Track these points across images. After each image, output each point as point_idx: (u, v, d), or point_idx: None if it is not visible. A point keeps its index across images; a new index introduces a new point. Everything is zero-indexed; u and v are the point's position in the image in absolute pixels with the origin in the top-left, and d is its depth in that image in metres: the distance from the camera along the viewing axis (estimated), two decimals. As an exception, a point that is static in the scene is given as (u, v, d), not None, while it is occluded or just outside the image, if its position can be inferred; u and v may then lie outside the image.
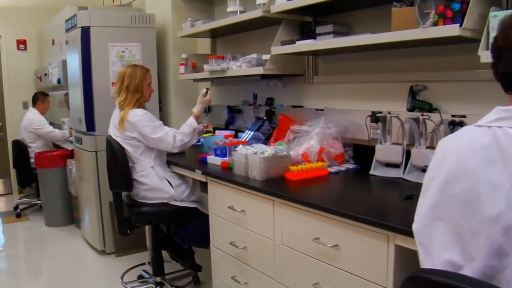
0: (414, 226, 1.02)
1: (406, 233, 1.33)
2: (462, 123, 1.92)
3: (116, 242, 3.60)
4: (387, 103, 2.30)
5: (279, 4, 2.37)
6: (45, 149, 4.94)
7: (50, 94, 5.26)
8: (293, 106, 2.86)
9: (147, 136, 2.59)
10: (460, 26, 1.59)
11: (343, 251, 1.59)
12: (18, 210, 5.00)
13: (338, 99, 2.58)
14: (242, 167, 2.16)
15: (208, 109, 3.01)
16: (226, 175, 2.22)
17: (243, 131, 2.96)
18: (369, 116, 2.22)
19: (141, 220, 2.78)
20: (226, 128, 3.35)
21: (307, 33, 2.45)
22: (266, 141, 2.69)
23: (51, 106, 5.29)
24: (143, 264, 3.34)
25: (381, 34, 1.87)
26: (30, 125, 4.88)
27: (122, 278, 3.14)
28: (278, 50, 2.43)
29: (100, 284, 3.23)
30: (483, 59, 1.54)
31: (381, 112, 2.16)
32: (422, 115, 1.97)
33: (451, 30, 1.61)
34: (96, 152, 3.48)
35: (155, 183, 2.63)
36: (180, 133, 2.66)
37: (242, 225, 2.11)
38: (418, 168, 2.00)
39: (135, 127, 2.59)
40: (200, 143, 3.14)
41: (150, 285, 2.98)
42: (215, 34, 3.52)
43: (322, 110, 2.58)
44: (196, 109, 2.77)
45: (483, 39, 1.56)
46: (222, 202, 2.25)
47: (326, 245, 1.63)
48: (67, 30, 3.73)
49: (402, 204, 1.66)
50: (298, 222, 1.77)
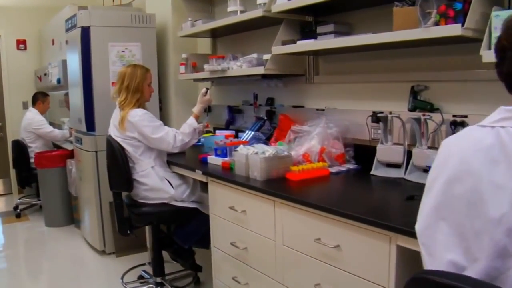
0: (417, 227, 1.01)
1: (408, 233, 1.33)
2: (463, 123, 1.91)
3: (116, 242, 3.60)
4: (388, 103, 2.29)
5: (280, 3, 2.36)
6: (45, 149, 4.93)
7: (50, 94, 5.26)
8: (293, 106, 2.85)
9: (148, 136, 2.58)
10: (462, 25, 1.59)
11: (345, 252, 1.58)
12: (18, 210, 4.99)
13: (338, 99, 2.58)
14: (243, 167, 2.15)
15: (208, 109, 3.01)
16: (227, 175, 2.21)
17: (244, 131, 2.95)
18: (370, 116, 2.21)
19: (141, 220, 2.78)
20: (227, 128, 3.34)
21: (308, 33, 2.45)
22: (267, 141, 2.68)
23: (51, 106, 5.29)
24: (143, 264, 3.34)
25: (382, 34, 1.86)
26: (30, 125, 4.88)
27: (122, 278, 3.13)
28: (279, 50, 2.42)
29: (100, 284, 3.22)
30: (485, 59, 1.53)
31: (382, 112, 2.15)
32: (424, 115, 1.96)
33: (453, 30, 1.60)
34: (96, 152, 3.48)
35: (156, 183, 2.62)
36: (180, 133, 2.66)
37: (243, 225, 2.10)
38: (419, 168, 1.99)
39: (136, 127, 2.58)
40: (200, 143, 3.13)
41: (150, 285, 2.97)
42: (216, 34, 3.51)
43: (323, 110, 2.58)
44: (196, 109, 2.77)
45: (485, 39, 1.55)
46: (222, 202, 2.24)
47: (327, 245, 1.62)
48: (67, 30, 3.73)
49: (403, 204, 1.65)
50: (299, 222, 1.77)
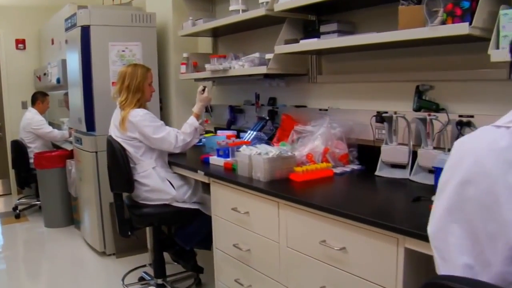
0: (429, 229, 0.98)
1: (416, 236, 1.30)
2: (469, 123, 1.89)
3: (116, 243, 3.57)
4: (392, 103, 2.27)
5: (283, 2, 2.34)
6: (44, 149, 4.91)
7: (49, 94, 5.23)
8: (296, 106, 2.82)
9: (149, 136, 2.55)
10: (469, 24, 1.56)
11: (351, 254, 1.56)
12: (17, 211, 4.96)
13: (342, 99, 2.55)
14: (245, 168, 2.12)
15: (210, 108, 2.97)
16: (230, 176, 2.18)
17: (245, 131, 2.92)
18: (374, 116, 2.19)
19: (142, 221, 2.75)
20: (228, 128, 3.31)
21: (311, 32, 2.42)
22: (269, 141, 2.66)
23: (50, 106, 5.26)
24: (144, 266, 3.31)
25: (388, 32, 1.83)
26: (29, 125, 4.85)
27: (123, 280, 3.10)
28: (281, 49, 2.40)
29: (100, 286, 3.20)
30: (494, 58, 1.51)
31: (386, 112, 2.13)
32: (429, 115, 1.93)
33: (461, 28, 1.58)
34: (96, 152, 3.45)
35: (157, 184, 2.59)
36: (182, 133, 2.62)
37: (246, 227, 2.08)
38: (424, 169, 1.97)
39: (137, 127, 2.55)
40: (201, 143, 3.11)
41: (152, 287, 2.94)
42: (217, 33, 3.49)
43: (326, 110, 2.55)
44: (196, 108, 2.73)
45: (493, 38, 1.53)
46: (225, 203, 2.22)
47: (333, 248, 1.59)
48: (67, 29, 3.70)
49: (410, 206, 1.63)
50: (304, 224, 1.74)
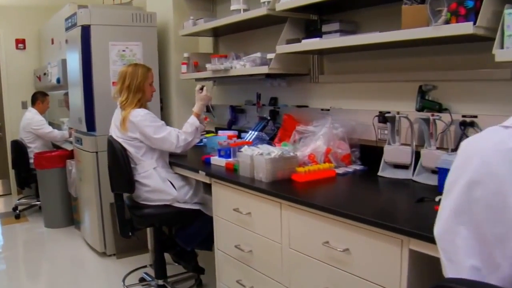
0: (436, 231, 0.97)
1: (421, 237, 1.29)
2: (473, 124, 1.88)
3: (117, 243, 3.55)
4: (395, 103, 2.26)
5: (285, 1, 2.33)
6: (44, 149, 4.89)
7: (49, 93, 5.21)
8: (297, 106, 2.81)
9: (150, 136, 2.53)
10: (473, 24, 1.55)
11: (354, 256, 1.54)
12: (17, 211, 4.95)
13: (344, 99, 2.54)
14: (247, 169, 2.11)
15: (212, 108, 2.95)
16: (231, 177, 2.16)
17: (247, 131, 2.91)
18: (376, 116, 2.18)
19: (143, 222, 2.73)
20: (229, 128, 3.30)
21: (313, 31, 2.41)
22: (271, 141, 2.64)
23: (51, 106, 5.25)
24: (145, 266, 3.29)
25: (391, 32, 1.82)
26: (29, 125, 4.83)
27: (123, 281, 3.09)
28: (283, 48, 2.38)
29: (100, 286, 3.19)
30: (498, 58, 1.49)
31: (389, 112, 2.12)
32: (433, 115, 1.92)
33: (465, 28, 1.57)
34: (96, 152, 3.44)
35: (158, 185, 2.58)
36: (183, 132, 2.60)
37: (248, 227, 2.06)
38: (427, 169, 1.96)
39: (137, 128, 2.54)
40: (202, 144, 3.09)
41: (152, 288, 2.94)
42: (217, 33, 3.47)
43: (328, 110, 2.54)
44: (196, 107, 2.71)
45: (498, 37, 1.52)
46: (226, 204, 2.20)
47: (336, 249, 1.58)
48: (67, 29, 3.68)
49: (414, 206, 1.61)
50: (307, 225, 1.73)
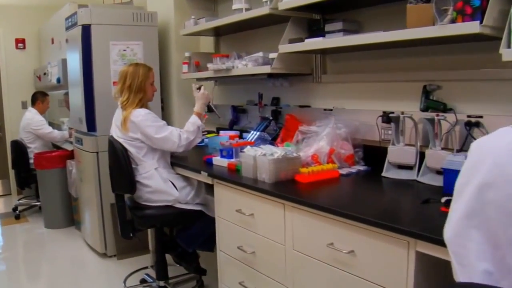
0: (446, 234, 0.95)
1: (429, 239, 1.27)
2: (478, 124, 1.87)
3: (117, 244, 3.53)
4: (398, 103, 2.24)
5: (287, 0, 2.31)
6: (44, 149, 4.87)
7: (49, 93, 5.19)
8: (300, 106, 2.79)
9: (151, 136, 2.51)
10: (480, 23, 1.53)
11: (360, 258, 1.52)
12: (17, 212, 4.93)
13: (347, 99, 2.52)
14: (250, 169, 2.08)
15: (214, 108, 2.93)
16: (234, 177, 2.14)
17: (248, 132, 2.89)
18: (380, 116, 2.16)
19: (144, 223, 2.71)
20: (231, 128, 3.28)
21: (316, 31, 2.39)
22: (273, 141, 2.62)
23: (51, 106, 5.23)
24: (146, 267, 3.27)
25: (396, 31, 1.80)
26: (29, 125, 4.81)
27: (125, 282, 3.07)
28: (286, 48, 2.36)
29: (101, 288, 3.17)
30: (505, 57, 1.48)
31: (392, 112, 2.10)
32: (437, 116, 1.90)
33: (471, 27, 1.55)
34: (97, 153, 3.41)
35: (159, 185, 2.56)
36: (185, 131, 2.58)
37: (251, 229, 2.04)
38: (432, 170, 1.94)
39: (138, 128, 2.51)
40: (203, 144, 3.07)
41: (154, 289, 2.91)
42: (219, 32, 3.46)
43: (331, 110, 2.52)
44: (196, 107, 2.69)
45: (505, 37, 1.50)
46: (229, 205, 2.18)
47: (341, 251, 1.56)
48: (67, 28, 3.66)
49: (420, 208, 1.59)
50: (311, 226, 1.71)
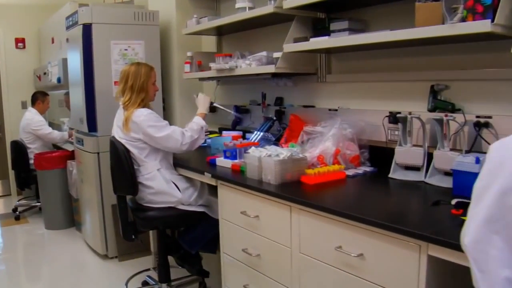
0: (466, 240, 0.92)
1: (442, 243, 1.24)
2: (487, 124, 1.83)
3: (119, 246, 3.50)
4: (405, 103, 2.21)
5: (292, -1, 2.27)
6: (44, 150, 4.84)
7: (49, 93, 5.16)
8: (304, 106, 2.76)
9: (153, 136, 2.47)
10: (491, 21, 1.50)
11: (369, 261, 1.49)
12: (17, 213, 4.89)
13: (352, 99, 2.49)
14: (255, 170, 2.05)
15: (220, 107, 2.93)
16: (238, 179, 2.11)
17: (251, 132, 2.86)
18: (386, 116, 2.13)
19: (146, 225, 2.67)
20: (233, 128, 3.25)
21: (321, 30, 2.36)
22: (277, 142, 2.59)
23: (51, 106, 5.20)
24: (148, 269, 3.24)
25: (404, 30, 1.76)
26: (29, 125, 4.78)
27: (126, 284, 3.03)
28: (291, 47, 2.33)
29: (103, 290, 3.14)
30: (518, 57, 1.45)
31: (399, 112, 2.06)
32: (446, 116, 1.87)
33: (482, 26, 1.51)
34: (98, 153, 3.38)
35: (162, 187, 2.52)
36: (188, 129, 2.55)
37: (256, 231, 2.01)
38: (440, 171, 1.91)
39: (140, 128, 2.48)
40: (206, 144, 3.04)
41: (156, 291, 2.88)
42: (221, 32, 3.42)
43: (336, 110, 2.49)
44: (200, 109, 2.67)
45: (517, 36, 1.47)
46: (233, 207, 2.15)
47: (350, 254, 1.53)
48: (68, 28, 3.63)
49: (430, 210, 1.56)
50: (318, 229, 1.68)
